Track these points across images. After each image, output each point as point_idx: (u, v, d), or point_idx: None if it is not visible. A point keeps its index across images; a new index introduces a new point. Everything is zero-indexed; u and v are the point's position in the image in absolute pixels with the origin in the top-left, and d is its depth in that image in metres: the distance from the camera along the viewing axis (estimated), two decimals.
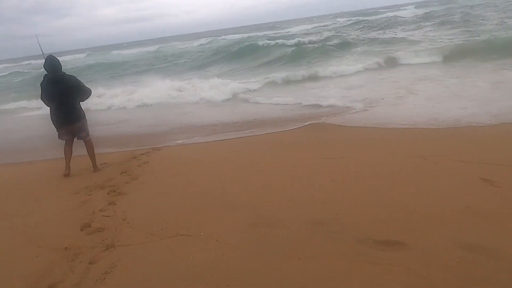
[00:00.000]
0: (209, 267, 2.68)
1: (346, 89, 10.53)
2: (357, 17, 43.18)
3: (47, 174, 5.47)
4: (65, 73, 5.28)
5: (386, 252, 2.65)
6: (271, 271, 2.57)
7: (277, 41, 23.96)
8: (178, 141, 6.99)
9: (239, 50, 23.01)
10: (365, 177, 4.06)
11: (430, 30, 22.15)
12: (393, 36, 21.32)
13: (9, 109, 15.00)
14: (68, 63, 35.90)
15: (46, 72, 5.21)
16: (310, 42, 22.15)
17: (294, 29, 42.17)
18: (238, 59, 20.92)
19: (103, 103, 12.55)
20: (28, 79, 26.58)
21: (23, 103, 15.14)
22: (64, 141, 5.41)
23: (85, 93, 5.36)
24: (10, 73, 32.52)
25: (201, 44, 37.45)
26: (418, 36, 20.15)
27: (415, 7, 46.31)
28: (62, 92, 5.16)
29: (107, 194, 4.31)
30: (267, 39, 26.32)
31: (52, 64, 5.17)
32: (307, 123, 7.15)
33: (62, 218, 3.78)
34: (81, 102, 5.42)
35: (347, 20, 42.39)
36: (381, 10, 57.39)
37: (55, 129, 5.37)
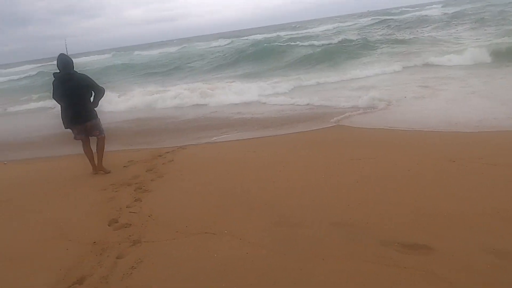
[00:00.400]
0: (233, 265, 2.71)
1: (370, 89, 10.37)
2: (384, 16, 42.45)
3: (76, 170, 5.64)
4: (76, 72, 5.17)
5: (412, 256, 2.61)
6: (295, 271, 2.57)
7: (300, 42, 23.88)
8: (203, 140, 7.09)
9: (261, 51, 22.96)
10: (391, 179, 4.01)
11: (460, 30, 21.54)
12: (421, 35, 20.87)
13: (39, 107, 15.53)
14: (96, 62, 36.94)
15: (58, 71, 5.12)
16: (333, 43, 21.95)
17: (317, 29, 41.91)
18: (261, 60, 20.87)
19: (132, 102, 12.85)
20: None
21: (52, 102, 15.65)
22: (82, 142, 5.36)
23: (98, 92, 5.22)
24: (37, 73, 33.60)
25: (220, 45, 37.45)
26: (446, 36, 19.64)
27: (443, 6, 45.04)
28: (73, 90, 5.06)
29: (134, 191, 4.42)
30: (290, 40, 26.28)
31: (63, 62, 5.08)
32: (331, 124, 7.11)
33: (91, 214, 3.90)
34: (96, 101, 5.28)
35: (373, 19, 41.72)
36: (409, 9, 56.05)
37: (64, 128, 5.29)
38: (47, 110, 14.17)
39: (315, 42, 22.96)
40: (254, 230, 3.17)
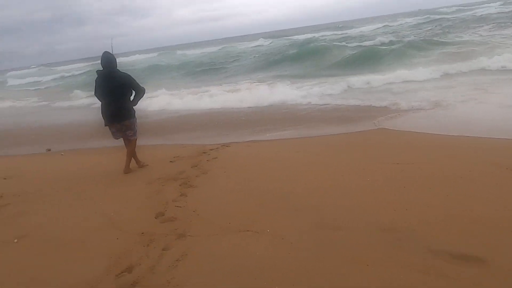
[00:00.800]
0: (274, 265, 2.72)
1: (418, 91, 9.98)
2: (435, 15, 40.66)
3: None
4: (119, 70, 5.23)
5: (462, 268, 2.49)
6: (337, 275, 2.54)
7: (345, 42, 23.41)
8: (246, 138, 7.17)
9: (305, 51, 22.71)
10: (440, 185, 3.84)
11: None
12: (475, 36, 19.77)
13: (89, 103, 16.28)
14: (141, 61, 38.29)
15: (102, 69, 5.20)
16: (380, 43, 21.32)
17: (363, 29, 40.90)
18: (305, 60, 20.66)
19: (177, 100, 13.23)
20: None
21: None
22: (123, 140, 5.45)
23: (138, 91, 5.25)
24: (88, 71, 35.35)
25: (262, 45, 37.57)
26: (503, 37, 18.44)
27: (502, 4, 42.27)
28: (114, 88, 5.11)
29: (179, 186, 4.55)
30: (335, 40, 25.80)
31: (107, 60, 5.13)
32: (377, 126, 6.93)
33: (139, 206, 4.07)
34: (136, 100, 5.32)
35: (424, 19, 40.10)
36: (463, 8, 53.09)
37: (104, 125, 5.37)
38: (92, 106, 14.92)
39: (361, 43, 22.46)
40: (296, 231, 3.16)
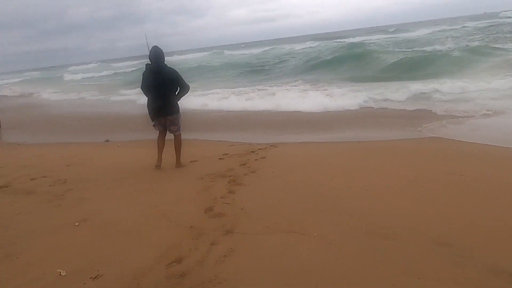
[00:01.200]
0: (320, 268, 2.69)
1: (477, 100, 9.38)
2: (502, 19, 37.98)
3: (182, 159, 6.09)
4: (166, 65, 5.23)
5: None
6: (386, 286, 2.46)
7: (398, 47, 22.53)
8: (294, 139, 7.15)
9: (356, 54, 22.10)
10: (502, 199, 3.59)
11: None
12: None
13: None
14: (192, 60, 39.31)
15: (150, 63, 5.23)
16: (434, 49, 20.29)
17: (419, 33, 39.11)
18: (355, 64, 20.11)
19: (226, 99, 13.50)
20: None
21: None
22: (158, 132, 5.53)
23: (183, 88, 5.30)
24: (141, 68, 37.00)
25: (309, 47, 37.08)
26: None
27: None
28: (160, 83, 5.14)
29: (228, 183, 4.63)
30: (389, 45, 24.87)
31: (155, 55, 5.15)
32: (430, 134, 6.63)
33: (189, 199, 4.20)
34: (180, 96, 5.36)
35: (489, 23, 37.62)
36: None
37: (150, 119, 5.47)
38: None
39: (415, 48, 21.48)
40: (344, 237, 3.11)
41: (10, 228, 3.58)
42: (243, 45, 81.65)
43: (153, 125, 5.50)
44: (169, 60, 5.41)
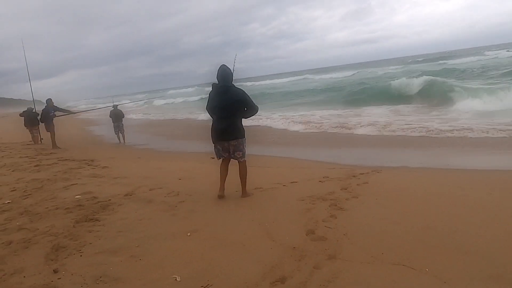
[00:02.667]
0: None
1: None
2: None
3: (280, 178, 6.25)
4: (233, 85, 4.90)
5: None
6: None
7: None
8: (399, 164, 6.80)
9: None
10: None
11: None
12: None
13: None
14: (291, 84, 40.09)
15: (217, 82, 4.93)
16: None
17: None
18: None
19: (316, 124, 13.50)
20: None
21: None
22: (221, 160, 5.16)
23: (251, 109, 4.95)
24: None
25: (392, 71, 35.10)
26: None
27: None
28: (227, 104, 4.82)
29: (329, 206, 4.59)
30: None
31: (222, 74, 4.85)
32: None
33: (290, 220, 4.26)
34: (246, 116, 5.05)
35: None
36: None
37: (213, 145, 5.12)
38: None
39: None
40: (463, 277, 2.83)
41: (135, 232, 4.05)
42: (338, 68, 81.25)
43: (218, 157, 5.19)
44: (244, 85, 5.56)
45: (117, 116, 14.82)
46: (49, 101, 13.37)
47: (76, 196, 5.58)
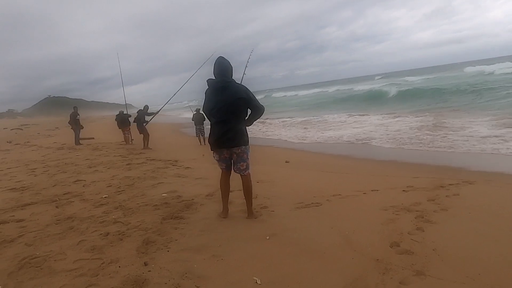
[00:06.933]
0: None
1: None
2: None
3: (362, 184, 6.05)
4: (234, 81, 4.11)
5: None
6: None
7: None
8: (495, 177, 6.15)
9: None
10: None
11: None
12: None
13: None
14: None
15: (214, 77, 4.12)
16: None
17: None
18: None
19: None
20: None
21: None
22: (221, 171, 4.41)
23: (256, 110, 4.15)
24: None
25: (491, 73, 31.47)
26: None
27: None
28: (225, 103, 4.01)
29: (414, 218, 4.31)
30: None
31: (220, 67, 4.05)
32: None
33: (373, 231, 4.07)
34: (252, 120, 4.25)
35: None
36: None
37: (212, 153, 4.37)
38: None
39: None
40: None
41: (216, 232, 4.19)
42: (419, 70, 76.29)
43: (219, 166, 4.47)
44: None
45: (199, 119, 15.70)
46: (146, 107, 14.84)
47: (163, 194, 5.97)
